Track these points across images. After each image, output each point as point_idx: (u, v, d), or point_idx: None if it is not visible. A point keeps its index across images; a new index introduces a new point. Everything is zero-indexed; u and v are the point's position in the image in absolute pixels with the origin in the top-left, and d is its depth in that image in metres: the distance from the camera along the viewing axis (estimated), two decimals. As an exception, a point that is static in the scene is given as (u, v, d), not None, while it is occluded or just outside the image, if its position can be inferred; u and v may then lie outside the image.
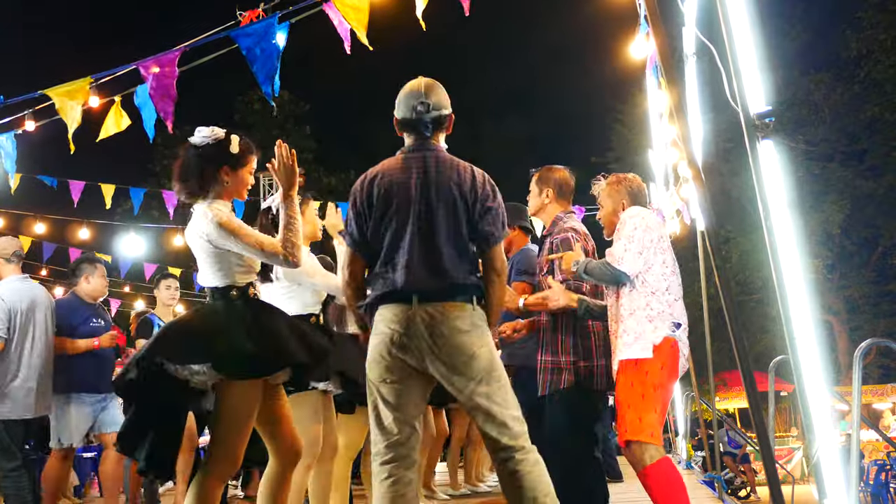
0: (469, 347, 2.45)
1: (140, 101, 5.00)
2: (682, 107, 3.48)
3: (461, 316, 2.46)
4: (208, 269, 2.71)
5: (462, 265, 2.51)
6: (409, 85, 2.68)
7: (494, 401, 2.45)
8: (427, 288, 2.46)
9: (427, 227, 2.51)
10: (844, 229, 18.27)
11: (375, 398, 2.50)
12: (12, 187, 6.79)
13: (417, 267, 2.47)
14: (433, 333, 2.44)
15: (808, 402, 2.70)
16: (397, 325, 2.46)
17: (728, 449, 11.73)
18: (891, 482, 9.05)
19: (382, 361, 2.47)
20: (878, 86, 17.95)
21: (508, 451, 2.44)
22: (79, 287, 4.75)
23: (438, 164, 2.59)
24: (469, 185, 2.56)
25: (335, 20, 4.47)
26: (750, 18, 2.99)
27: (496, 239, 2.58)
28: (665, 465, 2.92)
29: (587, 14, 15.29)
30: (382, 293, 2.50)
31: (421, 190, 2.54)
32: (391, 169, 2.61)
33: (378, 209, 2.55)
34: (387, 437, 2.47)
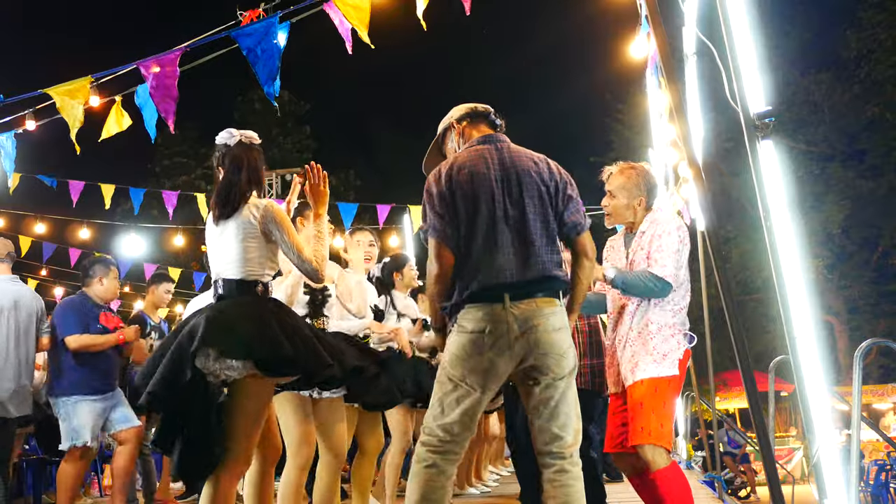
0: (562, 345, 2.44)
1: (141, 101, 5.00)
2: (683, 107, 3.48)
3: (554, 312, 2.45)
4: (239, 259, 2.69)
5: (553, 256, 2.50)
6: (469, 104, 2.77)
7: (566, 400, 2.46)
8: (520, 282, 2.43)
9: (514, 219, 2.48)
10: (844, 229, 18.27)
11: (451, 395, 2.44)
12: (11, 187, 6.79)
13: (507, 262, 2.44)
14: (526, 330, 2.40)
15: (808, 402, 2.70)
16: (488, 323, 2.41)
17: (728, 449, 11.72)
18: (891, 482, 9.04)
19: (469, 361, 2.42)
20: (878, 86, 17.95)
21: (557, 457, 2.44)
22: (91, 288, 4.74)
23: (516, 154, 2.58)
24: (548, 175, 2.56)
25: (336, 20, 4.47)
26: (750, 18, 2.99)
27: (584, 226, 2.58)
28: (676, 470, 2.94)
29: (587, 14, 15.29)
30: (470, 292, 2.44)
31: (504, 180, 2.52)
32: (467, 159, 2.57)
33: (459, 201, 2.49)
34: (446, 433, 2.43)
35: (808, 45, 18.78)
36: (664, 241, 3.00)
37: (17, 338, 4.37)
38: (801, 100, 18.76)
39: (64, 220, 11.04)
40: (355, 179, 24.71)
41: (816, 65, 18.92)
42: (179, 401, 2.57)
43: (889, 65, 17.60)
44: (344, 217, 9.33)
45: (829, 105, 18.76)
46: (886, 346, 4.19)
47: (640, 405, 2.92)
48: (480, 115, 2.73)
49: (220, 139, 2.84)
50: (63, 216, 10.86)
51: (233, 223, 2.72)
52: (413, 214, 9.59)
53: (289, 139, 24.36)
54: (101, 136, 5.32)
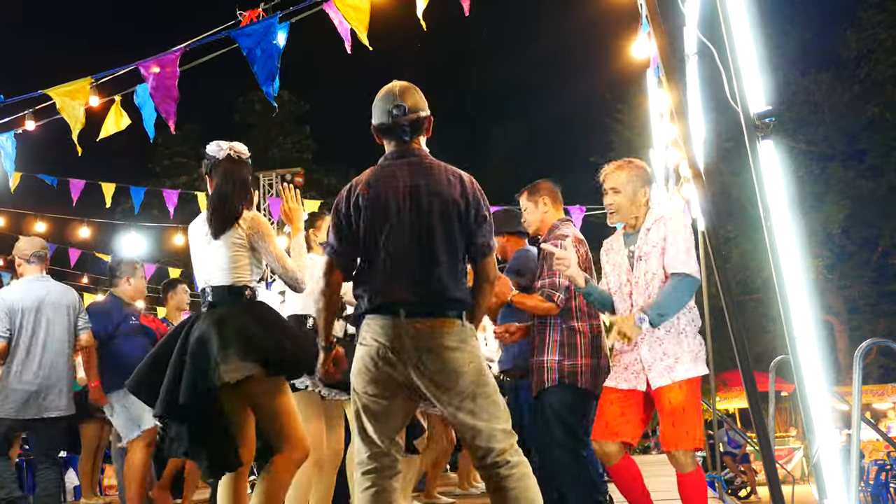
0: (456, 364, 2.39)
1: (140, 101, 5.00)
2: (683, 107, 3.47)
3: (450, 332, 2.41)
4: (227, 266, 2.81)
5: (455, 277, 2.45)
6: (383, 89, 2.61)
7: (481, 417, 2.40)
8: (416, 301, 2.40)
9: (419, 236, 2.44)
10: (844, 229, 18.27)
11: (359, 408, 2.46)
12: (12, 187, 6.79)
13: (408, 279, 2.41)
14: (420, 349, 2.38)
15: (808, 402, 2.70)
16: (384, 338, 2.40)
17: (728, 449, 11.72)
18: (891, 482, 9.04)
19: (368, 373, 2.42)
20: (878, 86, 17.95)
21: (495, 466, 2.40)
22: (120, 289, 4.74)
23: (425, 171, 2.51)
24: (460, 193, 2.48)
25: (335, 20, 4.47)
26: (750, 18, 2.99)
27: (490, 249, 2.53)
28: (701, 476, 3.02)
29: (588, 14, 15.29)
30: (370, 305, 2.44)
31: (410, 199, 2.46)
32: (376, 177, 2.53)
33: (365, 219, 2.47)
34: (369, 447, 2.43)
35: (808, 45, 18.79)
36: (681, 237, 2.99)
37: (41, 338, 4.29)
38: (801, 100, 18.76)
39: (64, 219, 11.05)
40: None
41: (816, 65, 18.94)
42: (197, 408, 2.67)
43: (889, 65, 17.60)
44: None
45: (829, 105, 18.77)
46: (886, 346, 4.19)
47: (683, 410, 2.92)
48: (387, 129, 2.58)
49: (210, 150, 2.93)
50: (63, 215, 10.87)
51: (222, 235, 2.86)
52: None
53: (289, 139, 24.36)
54: (100, 136, 5.32)
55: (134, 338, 4.62)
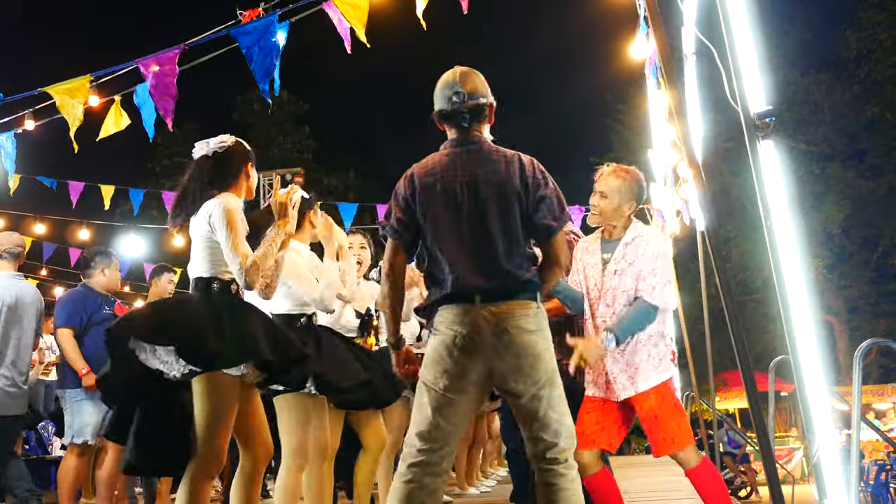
0: (535, 348, 2.36)
1: (140, 100, 5.00)
2: (682, 107, 3.47)
3: (527, 315, 2.38)
4: (199, 257, 2.76)
5: (520, 260, 2.43)
6: (445, 75, 2.58)
7: (553, 408, 2.38)
8: (490, 286, 2.37)
9: (480, 224, 2.42)
10: (844, 229, 18.27)
11: (424, 401, 2.39)
12: (11, 188, 6.78)
13: (476, 266, 2.39)
14: (498, 333, 2.34)
15: (808, 402, 2.70)
16: (460, 326, 2.36)
17: (728, 449, 11.71)
18: (891, 482, 9.04)
19: (441, 364, 2.37)
20: (878, 86, 17.96)
21: (553, 462, 2.38)
22: (93, 279, 4.72)
23: (483, 157, 2.49)
24: (518, 176, 2.46)
25: (335, 19, 4.47)
26: (750, 18, 2.99)
27: (555, 228, 2.48)
28: (709, 466, 3.08)
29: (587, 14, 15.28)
30: (442, 295, 2.41)
31: (468, 185, 2.45)
32: (436, 164, 2.51)
33: (425, 206, 2.46)
34: (423, 441, 2.37)
35: (808, 45, 18.80)
36: (660, 265, 3.01)
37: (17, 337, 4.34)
38: (801, 100, 18.77)
39: (64, 221, 11.04)
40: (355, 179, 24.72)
41: (816, 65, 18.95)
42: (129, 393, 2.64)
43: (889, 65, 17.60)
44: (344, 217, 9.32)
45: (829, 105, 18.77)
46: (886, 346, 4.19)
47: (656, 417, 2.99)
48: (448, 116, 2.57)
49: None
50: (63, 217, 10.86)
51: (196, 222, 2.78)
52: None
53: (288, 139, 24.33)
54: (100, 136, 5.31)
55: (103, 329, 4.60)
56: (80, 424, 4.42)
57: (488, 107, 2.57)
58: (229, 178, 2.86)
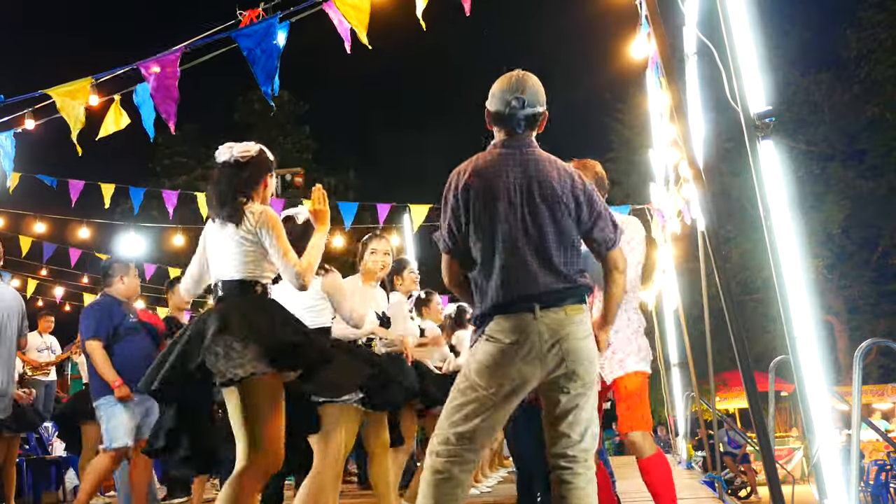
0: (591, 352, 2.42)
1: (139, 100, 5.00)
2: (683, 107, 3.47)
3: (582, 321, 2.42)
4: (237, 260, 2.79)
5: (573, 265, 2.45)
6: (505, 77, 2.55)
7: (587, 408, 2.44)
8: (547, 291, 2.38)
9: (535, 227, 2.41)
10: (844, 229, 18.28)
11: (471, 402, 2.40)
12: (11, 187, 6.78)
13: (532, 271, 2.39)
14: (556, 340, 2.37)
15: (808, 402, 2.70)
16: (518, 334, 2.37)
17: (728, 449, 11.71)
18: (891, 482, 9.04)
19: (498, 370, 2.38)
20: (878, 86, 17.95)
21: (572, 460, 2.43)
22: (113, 288, 4.71)
23: (538, 163, 2.49)
24: (570, 188, 2.47)
25: (335, 20, 4.47)
26: (750, 18, 2.99)
27: (614, 242, 2.54)
28: (662, 457, 3.19)
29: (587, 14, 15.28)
30: (498, 302, 2.40)
31: (522, 189, 2.43)
32: (486, 165, 2.48)
33: (476, 210, 2.43)
34: (462, 441, 2.39)
35: (808, 45, 18.81)
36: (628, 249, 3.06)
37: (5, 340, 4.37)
38: (801, 100, 18.77)
39: (63, 220, 11.03)
40: (355, 179, 24.72)
41: (816, 65, 18.97)
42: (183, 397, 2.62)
43: (889, 65, 17.60)
44: (344, 217, 9.32)
45: (829, 105, 18.78)
46: (886, 346, 4.19)
47: (638, 395, 3.17)
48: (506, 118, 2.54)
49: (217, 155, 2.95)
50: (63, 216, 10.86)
51: (231, 226, 2.81)
52: (413, 214, 9.58)
53: (288, 139, 24.34)
54: (99, 135, 5.31)
55: (133, 338, 4.58)
56: (113, 429, 4.39)
57: (543, 115, 2.57)
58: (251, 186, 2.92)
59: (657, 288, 9.85)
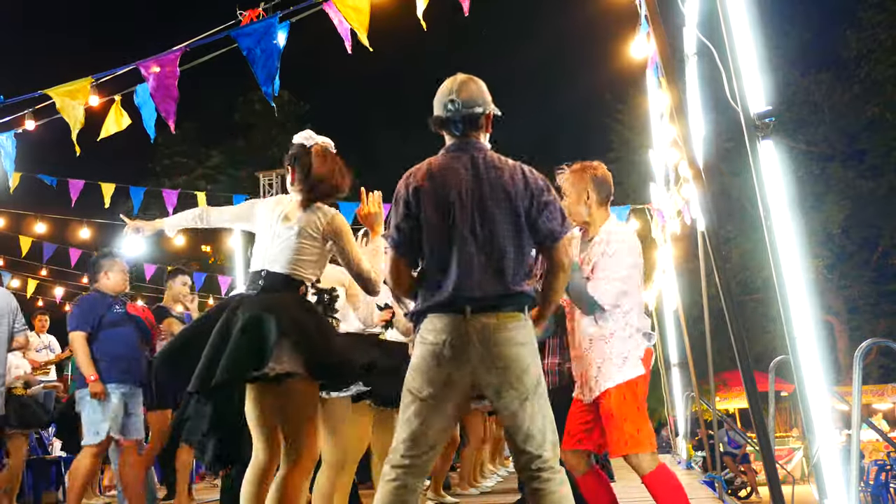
0: (524, 360, 2.37)
1: (140, 101, 4.99)
2: (683, 107, 3.48)
3: (517, 327, 2.39)
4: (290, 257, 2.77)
5: (520, 270, 2.43)
6: (445, 83, 2.59)
7: (536, 419, 2.39)
8: (482, 296, 2.37)
9: (482, 230, 2.41)
10: (844, 229, 18.28)
11: (409, 407, 2.41)
12: (11, 187, 6.78)
13: (472, 274, 2.38)
14: (487, 344, 2.35)
15: (808, 402, 2.70)
16: (448, 334, 2.37)
17: (728, 449, 11.72)
18: (891, 482, 9.04)
19: (427, 373, 2.38)
20: (878, 86, 17.95)
21: (539, 470, 2.39)
22: (100, 283, 4.73)
23: (486, 163, 2.49)
24: (522, 183, 2.46)
25: (335, 20, 4.47)
26: (750, 18, 2.99)
27: (559, 234, 2.49)
28: (665, 471, 2.94)
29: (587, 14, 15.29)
30: (433, 302, 2.41)
31: (471, 191, 2.44)
32: (436, 168, 2.51)
33: (425, 211, 2.45)
34: (408, 447, 2.40)
35: (808, 45, 18.81)
36: (614, 262, 2.98)
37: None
38: (801, 100, 18.77)
39: (64, 220, 11.04)
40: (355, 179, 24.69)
41: (816, 65, 18.96)
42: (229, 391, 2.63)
43: (889, 65, 17.60)
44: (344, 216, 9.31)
45: (829, 105, 18.78)
46: (886, 346, 4.19)
47: (611, 416, 2.91)
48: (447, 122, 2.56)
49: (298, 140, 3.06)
50: (63, 216, 10.86)
51: (296, 223, 2.80)
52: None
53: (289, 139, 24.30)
54: (100, 136, 5.31)
55: (118, 329, 4.58)
56: (95, 420, 4.41)
57: (485, 116, 2.57)
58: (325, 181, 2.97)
59: (657, 288, 9.86)
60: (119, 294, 4.80)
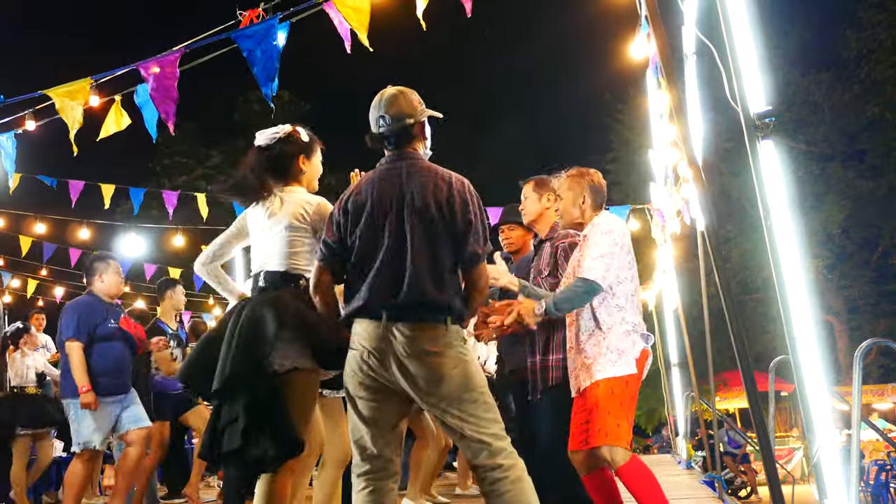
0: (439, 369, 2.38)
1: (140, 101, 4.99)
2: (682, 107, 3.48)
3: (433, 337, 2.40)
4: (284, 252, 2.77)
5: (439, 281, 2.43)
6: (375, 97, 2.66)
7: (467, 422, 2.40)
8: (398, 305, 2.40)
9: (399, 241, 2.44)
10: (844, 229, 18.27)
11: (351, 411, 2.49)
12: (11, 187, 6.78)
13: (388, 283, 2.42)
14: (402, 353, 2.39)
15: (808, 402, 2.70)
16: (367, 341, 2.43)
17: (728, 449, 11.72)
18: (891, 482, 9.04)
19: (356, 377, 2.46)
20: (878, 86, 17.94)
21: (486, 469, 2.40)
22: (94, 286, 4.71)
23: (413, 175, 2.51)
24: (446, 197, 2.47)
25: (335, 20, 4.47)
26: (750, 18, 2.99)
27: (480, 258, 2.51)
28: (637, 463, 2.97)
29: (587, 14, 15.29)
30: (355, 308, 2.47)
31: (393, 203, 2.48)
32: (367, 182, 2.57)
33: (352, 221, 2.51)
34: (361, 450, 2.46)
35: (808, 45, 18.80)
36: (594, 241, 3.05)
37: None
38: (801, 100, 18.76)
39: (64, 220, 11.03)
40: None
41: (816, 65, 18.94)
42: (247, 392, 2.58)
43: (889, 65, 17.59)
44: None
45: (829, 105, 18.77)
46: (886, 346, 4.19)
47: (597, 407, 2.95)
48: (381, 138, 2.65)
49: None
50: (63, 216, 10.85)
51: (283, 217, 2.80)
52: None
53: (289, 139, 24.35)
54: (100, 136, 5.31)
55: (108, 343, 4.55)
56: (86, 430, 4.40)
57: (415, 126, 2.60)
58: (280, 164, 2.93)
59: (657, 288, 9.86)
60: (114, 299, 4.78)
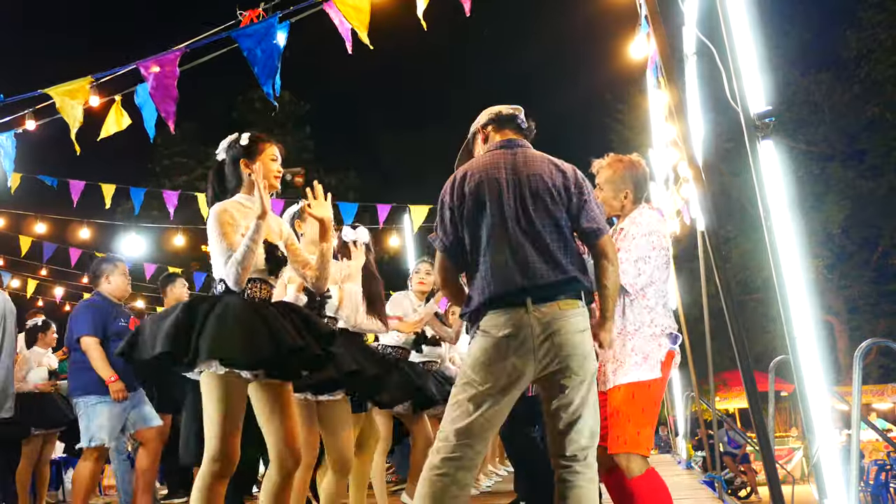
0: (585, 347, 2.43)
1: (140, 101, 4.99)
2: (682, 107, 3.48)
3: (577, 314, 2.44)
4: (214, 261, 2.75)
5: (570, 258, 2.48)
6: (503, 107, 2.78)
7: (587, 405, 2.44)
8: (539, 285, 2.41)
9: (528, 224, 2.47)
10: (844, 229, 18.27)
11: (469, 400, 2.41)
12: (12, 187, 6.78)
13: (524, 266, 2.43)
14: (549, 334, 2.39)
15: (808, 402, 2.70)
16: (510, 328, 2.40)
17: (728, 449, 11.72)
18: (891, 482, 9.04)
19: (492, 365, 2.40)
20: (878, 86, 17.94)
21: (573, 460, 2.43)
22: (102, 287, 4.74)
23: (528, 159, 2.58)
24: (561, 179, 2.54)
25: (336, 20, 4.47)
26: (750, 18, 2.99)
27: (602, 230, 2.56)
28: (653, 477, 2.86)
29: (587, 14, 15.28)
30: (489, 297, 2.43)
31: (513, 186, 2.51)
32: (480, 166, 2.58)
33: (470, 208, 2.51)
34: (463, 438, 2.39)
35: (808, 45, 18.79)
36: (634, 243, 2.93)
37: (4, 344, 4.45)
38: (801, 100, 18.76)
39: (64, 220, 11.03)
40: (355, 179, 24.73)
41: (816, 65, 18.93)
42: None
43: (889, 65, 17.59)
44: (344, 217, 9.32)
45: (829, 105, 18.76)
46: (886, 346, 4.19)
47: (617, 413, 2.85)
48: (506, 119, 2.73)
49: None
50: (63, 216, 10.85)
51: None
52: (413, 214, 9.58)
53: (289, 139, 24.37)
54: (100, 136, 5.30)
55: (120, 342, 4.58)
56: (95, 427, 4.41)
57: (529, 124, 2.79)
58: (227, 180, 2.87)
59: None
60: (122, 300, 4.81)
